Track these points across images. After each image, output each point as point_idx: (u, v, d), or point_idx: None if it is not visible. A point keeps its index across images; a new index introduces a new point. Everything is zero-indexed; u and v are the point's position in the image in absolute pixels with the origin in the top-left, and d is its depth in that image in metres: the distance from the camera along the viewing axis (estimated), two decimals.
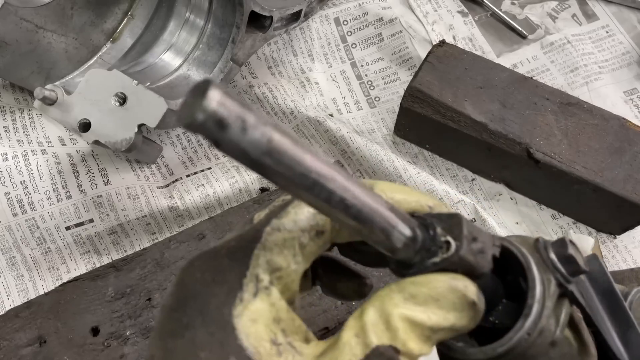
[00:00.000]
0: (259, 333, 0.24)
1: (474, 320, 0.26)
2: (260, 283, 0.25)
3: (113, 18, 0.66)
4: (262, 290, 0.25)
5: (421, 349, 0.25)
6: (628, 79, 0.71)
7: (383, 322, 0.25)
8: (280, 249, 0.26)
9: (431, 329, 0.25)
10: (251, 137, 0.19)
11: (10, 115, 0.63)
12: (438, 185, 0.61)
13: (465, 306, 0.25)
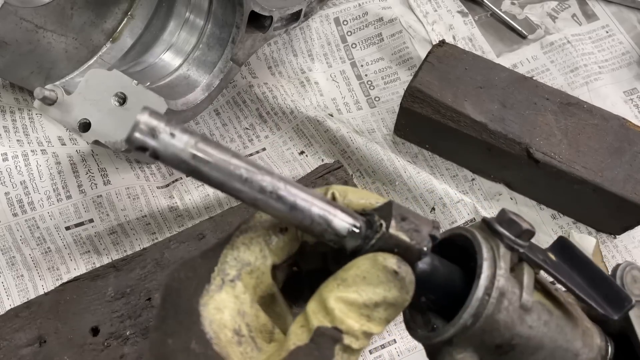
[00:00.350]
0: (222, 321, 0.26)
1: (404, 290, 0.27)
2: (226, 277, 0.27)
3: (113, 18, 0.66)
4: (227, 283, 0.27)
5: (364, 327, 0.26)
6: (628, 79, 0.71)
7: (321, 308, 0.27)
8: (247, 247, 0.28)
9: (365, 305, 0.26)
10: (179, 140, 0.22)
11: (10, 115, 0.63)
12: (438, 185, 0.61)
13: (389, 277, 0.27)
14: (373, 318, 0.27)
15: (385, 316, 0.27)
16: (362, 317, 0.27)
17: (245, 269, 0.28)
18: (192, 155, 0.23)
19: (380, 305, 0.27)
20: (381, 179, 0.64)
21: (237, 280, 0.27)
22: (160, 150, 0.23)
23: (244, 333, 0.27)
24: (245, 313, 0.27)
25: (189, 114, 0.59)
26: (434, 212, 0.62)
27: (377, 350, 0.57)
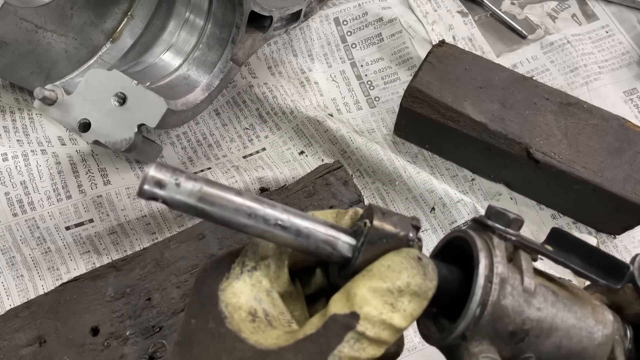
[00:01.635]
0: (238, 303, 0.28)
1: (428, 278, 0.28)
2: (245, 267, 0.30)
3: (113, 18, 0.66)
4: (245, 273, 0.29)
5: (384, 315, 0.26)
6: (628, 79, 0.71)
7: (344, 296, 0.27)
8: (267, 243, 0.30)
9: (389, 291, 0.27)
10: (184, 188, 0.26)
11: (10, 115, 0.63)
12: (438, 185, 0.61)
13: (413, 263, 0.28)
14: (397, 308, 0.27)
15: (410, 309, 0.27)
16: (385, 304, 0.27)
17: (263, 262, 0.30)
18: (198, 199, 0.26)
19: (405, 293, 0.27)
20: (381, 179, 0.64)
21: (255, 270, 0.29)
22: (168, 199, 0.26)
23: (259, 315, 0.28)
24: (262, 300, 0.29)
25: (189, 114, 0.59)
26: (434, 212, 0.62)
27: None
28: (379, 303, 0.27)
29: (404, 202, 0.63)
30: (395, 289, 0.27)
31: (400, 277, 0.27)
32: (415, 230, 0.29)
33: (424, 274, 0.28)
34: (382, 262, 0.28)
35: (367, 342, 0.26)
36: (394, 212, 0.30)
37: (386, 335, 0.27)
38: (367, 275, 0.28)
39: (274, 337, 0.27)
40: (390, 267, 0.28)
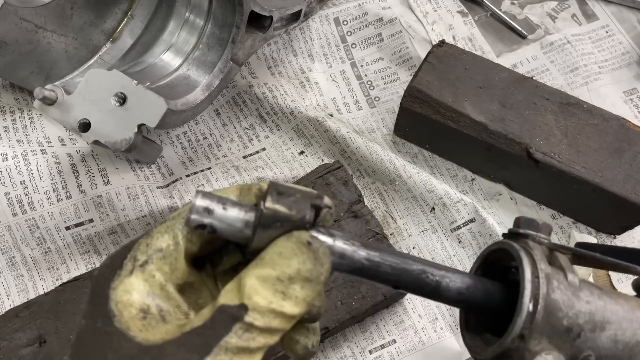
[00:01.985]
0: (128, 301, 0.27)
1: (319, 262, 0.27)
2: (136, 262, 0.28)
3: (113, 18, 0.66)
4: (137, 268, 0.28)
5: (273, 304, 0.26)
6: (628, 79, 0.71)
7: (235, 286, 0.27)
8: (160, 235, 0.29)
9: (279, 280, 0.27)
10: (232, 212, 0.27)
11: (10, 115, 0.63)
12: (438, 185, 0.61)
13: (303, 249, 0.27)
14: (289, 295, 0.27)
15: (303, 294, 0.27)
16: (276, 293, 0.26)
17: (156, 255, 0.29)
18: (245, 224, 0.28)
19: (296, 280, 0.27)
20: (381, 179, 0.64)
21: (148, 265, 0.28)
22: (216, 225, 0.27)
23: (152, 311, 0.27)
24: (156, 295, 0.28)
25: (189, 114, 0.59)
26: (434, 212, 0.62)
27: (377, 350, 0.57)
28: (269, 292, 0.26)
29: (404, 202, 0.63)
30: (286, 277, 0.27)
31: (290, 265, 0.27)
32: (315, 210, 0.28)
33: (315, 258, 0.27)
34: (273, 249, 0.28)
35: (257, 332, 0.26)
36: (296, 190, 0.29)
37: (277, 323, 0.26)
38: (258, 264, 0.27)
39: (163, 332, 0.27)
40: (281, 254, 0.27)
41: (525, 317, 0.29)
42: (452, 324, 0.58)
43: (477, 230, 0.60)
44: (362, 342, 0.57)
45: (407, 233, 0.62)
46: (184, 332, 0.26)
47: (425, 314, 0.59)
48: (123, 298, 0.27)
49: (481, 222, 0.60)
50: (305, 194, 0.29)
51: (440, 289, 0.31)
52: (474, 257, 0.60)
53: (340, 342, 0.57)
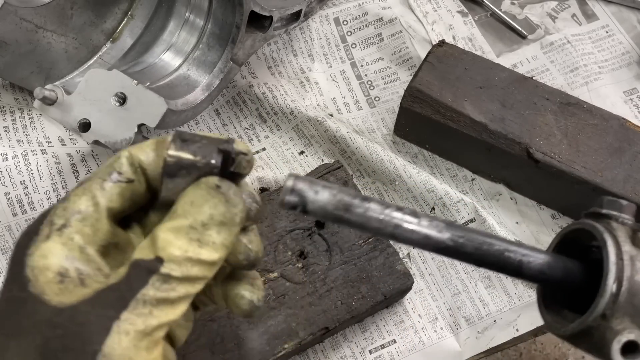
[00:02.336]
0: (45, 265, 0.26)
1: (231, 204, 0.27)
2: (53, 227, 0.27)
3: (113, 18, 0.66)
4: (54, 232, 0.27)
5: (189, 252, 0.26)
6: (628, 79, 0.71)
7: (150, 242, 0.26)
8: (78, 197, 0.28)
9: (192, 228, 0.26)
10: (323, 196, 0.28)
11: (10, 115, 0.63)
12: (438, 184, 0.61)
13: (212, 192, 0.27)
14: (205, 242, 0.26)
15: (220, 239, 0.27)
16: (192, 242, 0.26)
17: (75, 217, 0.28)
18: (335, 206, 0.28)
19: (210, 226, 0.27)
20: (381, 178, 0.64)
21: (65, 228, 0.27)
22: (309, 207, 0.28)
23: (70, 274, 0.26)
24: (75, 258, 0.27)
25: (189, 114, 0.59)
26: (434, 212, 0.62)
27: (377, 350, 0.57)
28: (184, 242, 0.26)
29: (404, 202, 0.63)
30: (199, 224, 0.26)
31: (201, 211, 0.27)
32: (222, 154, 0.28)
33: (226, 201, 0.27)
34: (184, 199, 0.27)
35: (176, 282, 0.26)
36: (203, 137, 0.29)
37: (197, 271, 0.26)
38: (171, 216, 0.27)
39: (80, 294, 0.26)
40: (192, 203, 0.27)
41: (609, 298, 0.29)
42: (452, 324, 0.58)
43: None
44: (362, 342, 0.57)
45: None
46: (98, 290, 0.26)
47: (425, 314, 0.59)
48: (39, 263, 0.26)
49: (481, 222, 0.60)
50: (212, 140, 0.28)
51: (522, 267, 0.31)
52: None
53: (340, 342, 0.57)
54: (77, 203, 0.28)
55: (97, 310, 0.25)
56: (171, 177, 0.27)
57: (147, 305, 0.25)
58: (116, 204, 0.29)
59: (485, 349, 0.57)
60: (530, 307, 0.58)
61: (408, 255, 0.61)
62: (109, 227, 0.28)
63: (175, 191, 0.28)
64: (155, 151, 0.29)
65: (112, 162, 0.29)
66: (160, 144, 0.30)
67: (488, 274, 0.59)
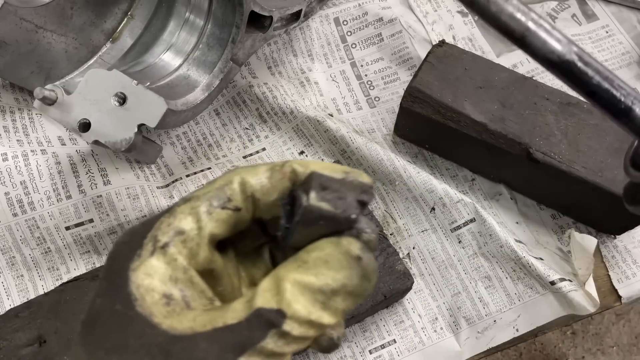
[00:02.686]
0: (150, 285, 0.25)
1: (366, 279, 0.26)
2: (157, 243, 0.26)
3: (113, 18, 0.66)
4: (158, 250, 0.26)
5: (313, 315, 0.25)
6: (628, 79, 0.71)
7: (274, 286, 0.25)
8: (184, 215, 0.27)
9: (321, 291, 0.25)
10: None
11: (10, 115, 0.63)
12: (438, 185, 0.61)
13: (352, 263, 0.25)
14: (329, 307, 0.25)
15: (343, 307, 0.26)
16: (316, 303, 0.25)
17: (178, 237, 0.27)
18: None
19: (339, 294, 0.25)
20: (381, 179, 0.64)
21: (169, 247, 0.26)
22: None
23: (175, 297, 0.26)
24: (178, 279, 0.26)
25: (189, 114, 0.59)
26: (434, 212, 0.62)
27: (377, 350, 0.57)
28: (309, 302, 0.25)
29: (404, 202, 0.63)
30: (329, 290, 0.25)
31: (335, 277, 0.25)
32: (361, 206, 0.26)
33: (363, 275, 0.26)
34: (318, 254, 0.26)
35: (291, 339, 0.25)
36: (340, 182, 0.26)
37: (312, 332, 0.25)
38: (300, 267, 0.25)
39: (191, 320, 0.25)
40: (328, 263, 0.25)
41: None
42: (452, 324, 0.58)
43: (477, 230, 0.60)
44: (362, 342, 0.57)
45: (407, 233, 0.62)
46: (216, 327, 0.25)
47: (425, 314, 0.59)
48: (144, 282, 0.26)
49: (481, 222, 0.60)
50: (350, 187, 0.26)
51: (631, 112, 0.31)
52: (474, 257, 0.60)
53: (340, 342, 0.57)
54: (182, 222, 0.27)
55: (216, 350, 0.24)
56: (306, 225, 0.26)
57: (260, 356, 0.25)
58: (219, 231, 0.28)
59: (485, 349, 0.57)
60: (530, 307, 0.58)
61: (408, 255, 0.61)
62: (208, 253, 0.28)
63: (305, 238, 0.26)
64: (270, 180, 0.28)
65: (224, 184, 0.28)
66: (276, 173, 0.28)
67: (488, 273, 0.59)
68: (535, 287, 0.58)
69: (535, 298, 0.58)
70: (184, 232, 0.27)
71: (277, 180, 0.28)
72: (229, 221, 0.28)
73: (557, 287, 0.56)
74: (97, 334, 0.26)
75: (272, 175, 0.28)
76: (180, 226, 0.27)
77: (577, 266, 0.58)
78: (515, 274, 0.59)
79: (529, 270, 0.57)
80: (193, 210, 0.27)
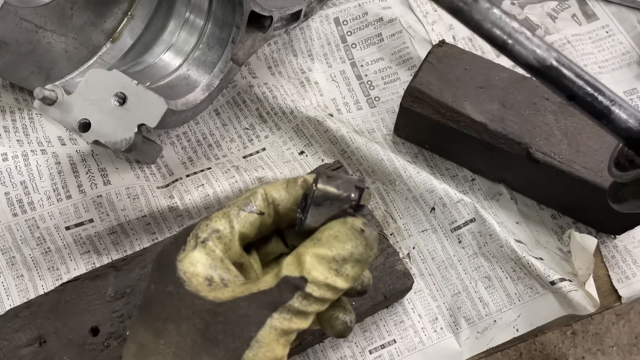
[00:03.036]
0: (195, 271, 0.32)
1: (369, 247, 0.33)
2: (198, 239, 0.33)
3: (113, 18, 0.66)
4: (199, 244, 0.33)
5: (328, 279, 0.32)
6: (628, 79, 0.71)
7: (295, 261, 0.32)
8: (218, 218, 0.34)
9: (335, 259, 0.32)
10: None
11: (10, 115, 0.63)
12: (438, 184, 0.61)
13: (356, 235, 0.32)
14: (341, 273, 0.32)
15: (353, 273, 0.32)
16: (330, 270, 0.32)
17: (214, 234, 0.33)
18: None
19: (348, 261, 0.32)
20: (381, 179, 0.64)
21: (208, 241, 0.33)
22: None
23: (215, 280, 0.32)
24: (217, 266, 0.33)
25: (189, 114, 0.59)
26: (434, 212, 0.62)
27: (377, 350, 0.57)
28: (325, 269, 0.31)
29: (404, 202, 0.63)
30: (340, 258, 0.32)
31: (344, 247, 0.32)
32: (359, 191, 0.33)
33: (366, 244, 0.32)
34: (329, 231, 0.32)
35: (312, 300, 0.31)
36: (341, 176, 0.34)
37: (330, 294, 0.32)
38: (316, 244, 0.32)
39: (230, 291, 0.31)
40: (337, 237, 0.32)
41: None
42: (452, 324, 0.58)
43: (477, 230, 0.60)
44: (362, 342, 0.57)
45: (407, 233, 0.62)
46: (252, 292, 0.31)
47: (425, 314, 0.59)
48: (189, 269, 0.32)
49: (481, 222, 0.60)
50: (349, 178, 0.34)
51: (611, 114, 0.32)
52: (474, 257, 0.60)
53: (340, 342, 0.57)
54: (217, 223, 0.34)
55: (255, 308, 0.31)
56: (317, 206, 0.33)
57: (289, 313, 0.31)
58: (247, 230, 0.35)
59: (485, 349, 0.57)
60: (530, 307, 0.58)
61: (408, 255, 0.61)
62: (238, 248, 0.34)
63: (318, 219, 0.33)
64: (287, 190, 0.36)
65: (249, 195, 0.35)
66: (292, 184, 0.36)
67: (488, 273, 0.59)
68: (535, 287, 0.58)
69: (535, 298, 0.58)
70: (219, 230, 0.34)
71: (292, 189, 0.36)
72: (255, 224, 0.35)
73: (557, 287, 0.56)
74: (154, 310, 0.32)
75: (288, 185, 0.36)
76: (216, 226, 0.34)
77: (577, 266, 0.58)
78: (515, 274, 0.59)
79: (529, 270, 0.57)
80: (225, 214, 0.34)
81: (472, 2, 0.29)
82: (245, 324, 0.30)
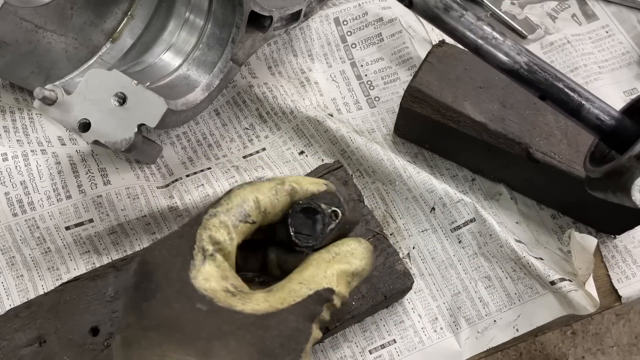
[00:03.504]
0: (213, 287, 0.32)
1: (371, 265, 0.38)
2: (206, 252, 0.33)
3: (113, 18, 0.66)
4: (208, 257, 0.33)
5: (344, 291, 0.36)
6: (628, 79, 0.71)
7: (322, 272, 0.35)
8: (217, 229, 0.34)
9: (352, 275, 0.36)
10: None
11: (10, 115, 0.63)
12: (438, 184, 0.61)
13: (369, 253, 0.38)
14: (350, 285, 0.36)
15: (354, 284, 0.37)
16: (346, 282, 0.36)
17: (216, 247, 0.34)
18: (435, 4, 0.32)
19: (357, 275, 0.37)
20: (381, 179, 0.64)
21: (216, 253, 0.33)
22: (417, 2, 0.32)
23: (230, 290, 0.33)
24: (228, 277, 0.33)
25: (189, 114, 0.59)
26: (434, 212, 0.62)
27: (377, 350, 0.57)
28: (344, 282, 0.35)
29: (404, 202, 0.63)
30: (356, 273, 0.36)
31: (359, 265, 0.36)
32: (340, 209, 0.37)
33: (372, 263, 0.38)
34: (347, 247, 0.37)
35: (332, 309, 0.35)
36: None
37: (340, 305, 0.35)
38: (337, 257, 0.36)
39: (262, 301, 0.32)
40: (354, 254, 0.36)
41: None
42: (452, 324, 0.58)
43: (477, 230, 0.60)
44: (362, 342, 0.57)
45: (407, 233, 0.62)
46: (291, 304, 0.33)
47: (425, 314, 0.59)
48: (206, 285, 0.32)
49: (481, 222, 0.60)
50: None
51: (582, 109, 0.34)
52: (474, 257, 0.60)
53: (340, 342, 0.57)
54: (218, 234, 0.34)
55: (300, 320, 0.32)
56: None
57: (319, 323, 0.34)
58: (241, 239, 0.36)
59: (485, 349, 0.57)
60: (530, 307, 0.58)
61: (408, 255, 0.61)
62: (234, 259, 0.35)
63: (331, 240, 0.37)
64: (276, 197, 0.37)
65: (242, 202, 0.35)
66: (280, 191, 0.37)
67: (488, 273, 0.59)
68: (535, 287, 0.58)
69: (535, 298, 0.58)
70: (220, 242, 0.34)
71: (281, 196, 0.37)
72: (247, 232, 0.36)
73: (557, 287, 0.56)
74: (189, 330, 0.30)
75: (276, 192, 0.37)
76: (218, 237, 0.34)
77: (577, 266, 0.58)
78: (515, 274, 0.59)
79: (529, 270, 0.57)
80: (222, 224, 0.34)
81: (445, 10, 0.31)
82: (297, 337, 0.32)
